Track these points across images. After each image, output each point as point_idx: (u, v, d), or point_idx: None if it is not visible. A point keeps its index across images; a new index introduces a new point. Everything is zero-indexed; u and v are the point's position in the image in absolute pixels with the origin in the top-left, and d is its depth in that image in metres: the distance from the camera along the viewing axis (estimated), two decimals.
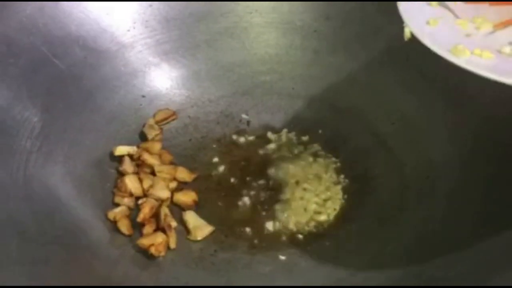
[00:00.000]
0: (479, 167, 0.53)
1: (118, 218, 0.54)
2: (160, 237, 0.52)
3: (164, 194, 0.56)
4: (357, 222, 0.55)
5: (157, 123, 0.63)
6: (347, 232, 0.55)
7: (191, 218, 0.55)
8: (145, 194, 0.56)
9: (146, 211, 0.54)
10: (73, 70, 0.60)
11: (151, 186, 0.56)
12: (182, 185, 0.58)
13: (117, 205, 0.56)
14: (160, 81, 0.65)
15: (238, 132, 0.63)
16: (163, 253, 0.52)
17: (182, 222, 0.55)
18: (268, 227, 0.55)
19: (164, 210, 0.55)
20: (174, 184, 0.58)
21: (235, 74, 0.67)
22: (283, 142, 0.62)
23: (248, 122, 0.64)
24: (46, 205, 0.52)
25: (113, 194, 0.57)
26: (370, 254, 0.52)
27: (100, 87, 0.62)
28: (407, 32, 0.42)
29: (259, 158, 0.61)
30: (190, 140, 0.63)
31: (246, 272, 0.52)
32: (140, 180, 0.57)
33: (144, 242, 0.52)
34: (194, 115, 0.65)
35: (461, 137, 0.56)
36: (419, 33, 0.41)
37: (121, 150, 0.59)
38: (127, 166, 0.58)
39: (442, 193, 0.54)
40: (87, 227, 0.53)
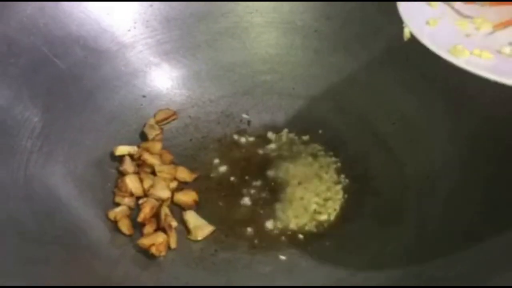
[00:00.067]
0: (479, 167, 0.53)
1: (118, 218, 0.54)
2: (160, 237, 0.52)
3: (165, 194, 0.56)
4: (357, 222, 0.55)
5: (157, 123, 0.63)
6: (347, 232, 0.55)
7: (191, 218, 0.56)
8: (146, 194, 0.56)
9: (146, 211, 0.54)
10: (74, 70, 0.60)
11: (152, 186, 0.57)
12: (182, 185, 0.59)
13: (118, 205, 0.56)
14: (160, 81, 0.65)
15: (239, 132, 0.63)
16: (163, 253, 0.52)
17: (182, 222, 0.55)
18: (269, 227, 0.55)
19: (165, 210, 0.55)
20: (174, 184, 0.58)
21: (235, 74, 0.67)
22: (284, 142, 0.62)
23: (248, 122, 0.64)
24: (46, 205, 0.52)
25: (114, 194, 0.57)
26: (370, 254, 0.52)
27: (100, 87, 0.62)
28: (406, 32, 0.42)
29: (259, 158, 0.61)
30: (191, 140, 0.63)
31: (246, 272, 0.52)
32: (140, 180, 0.57)
33: (144, 242, 0.52)
34: (194, 115, 0.65)
35: (461, 137, 0.56)
36: (418, 33, 0.41)
37: (121, 150, 0.59)
38: (128, 166, 0.58)
39: (442, 193, 0.54)
40: (88, 227, 0.53)
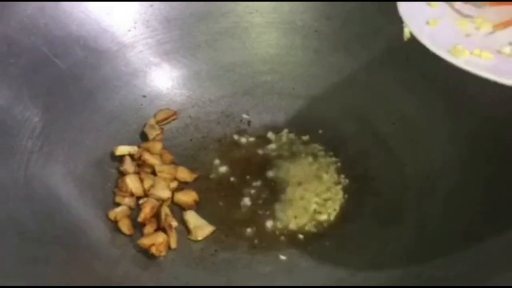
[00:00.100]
0: (479, 167, 0.53)
1: (119, 218, 0.54)
2: (160, 237, 0.52)
3: (165, 194, 0.56)
4: (357, 222, 0.55)
5: (157, 123, 0.63)
6: (347, 232, 0.55)
7: (191, 218, 0.56)
8: (146, 194, 0.56)
9: (147, 211, 0.54)
10: (74, 70, 0.60)
11: (152, 186, 0.57)
12: (182, 185, 0.58)
13: (118, 205, 0.56)
14: (161, 81, 0.65)
15: (239, 132, 0.63)
16: (163, 253, 0.52)
17: (182, 222, 0.55)
18: (269, 227, 0.55)
19: (165, 210, 0.55)
20: (174, 184, 0.58)
21: (235, 74, 0.67)
22: (284, 142, 0.62)
23: (248, 122, 0.64)
24: (46, 205, 0.52)
25: (114, 194, 0.57)
26: (370, 254, 0.52)
27: (100, 87, 0.62)
28: (406, 32, 0.42)
29: (259, 158, 0.61)
30: (191, 140, 0.63)
31: (246, 272, 0.52)
32: (141, 180, 0.57)
33: (145, 242, 0.52)
34: (195, 115, 0.65)
35: (461, 137, 0.56)
36: (418, 33, 0.41)
37: (122, 150, 0.59)
38: (128, 166, 0.58)
39: (442, 193, 0.54)
40: (88, 227, 0.53)
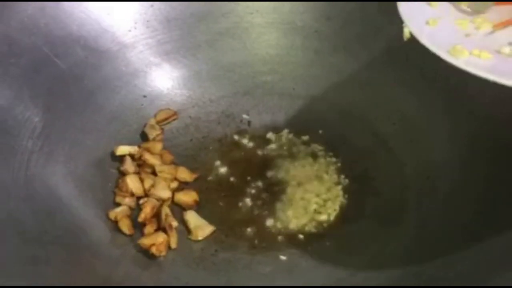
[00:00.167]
0: (479, 167, 0.53)
1: (119, 218, 0.54)
2: (161, 237, 0.52)
3: (165, 194, 0.56)
4: (357, 222, 0.55)
5: (158, 123, 0.63)
6: (347, 232, 0.55)
7: (192, 218, 0.56)
8: (146, 194, 0.56)
9: (147, 211, 0.54)
10: (74, 70, 0.60)
11: (152, 186, 0.57)
12: (183, 185, 0.59)
13: (118, 205, 0.56)
14: (161, 81, 0.65)
15: (239, 132, 0.63)
16: (164, 253, 0.52)
17: (183, 222, 0.55)
18: (269, 227, 0.55)
19: (165, 210, 0.55)
20: (175, 184, 0.58)
21: (236, 74, 0.67)
22: (284, 142, 0.62)
23: (249, 122, 0.64)
24: (47, 205, 0.52)
25: (114, 194, 0.57)
26: (370, 254, 0.52)
27: (101, 87, 0.62)
28: (406, 32, 0.42)
29: (259, 158, 0.61)
30: (191, 140, 0.63)
31: (247, 272, 0.52)
32: (141, 180, 0.57)
33: (145, 242, 0.52)
34: (195, 115, 0.65)
35: (461, 137, 0.56)
36: (418, 33, 0.41)
37: (122, 150, 0.59)
38: (128, 166, 0.58)
39: (442, 193, 0.54)
40: (88, 227, 0.53)
